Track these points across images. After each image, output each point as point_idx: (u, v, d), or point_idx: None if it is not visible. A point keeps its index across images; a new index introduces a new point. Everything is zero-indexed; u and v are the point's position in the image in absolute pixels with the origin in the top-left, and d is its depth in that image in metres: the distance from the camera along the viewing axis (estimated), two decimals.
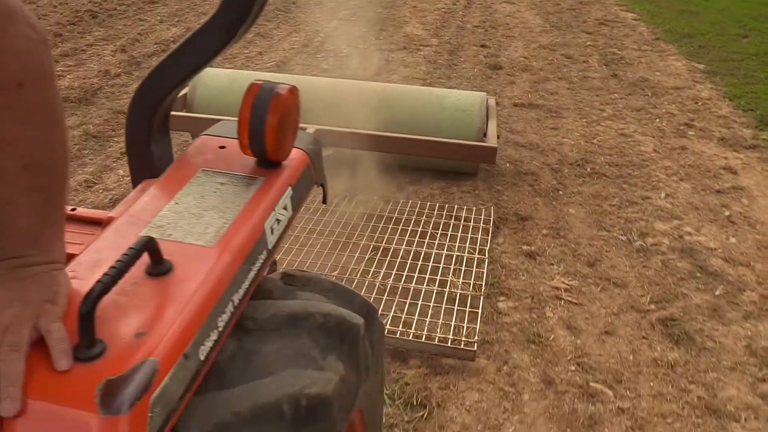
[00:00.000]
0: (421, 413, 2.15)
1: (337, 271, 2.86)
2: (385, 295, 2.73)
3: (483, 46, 6.73)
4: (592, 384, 2.31)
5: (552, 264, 3.02)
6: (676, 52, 6.85)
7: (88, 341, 0.73)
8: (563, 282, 2.88)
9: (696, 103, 5.29)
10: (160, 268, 0.87)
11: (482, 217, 3.35)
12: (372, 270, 2.90)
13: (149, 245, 0.83)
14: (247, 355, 0.97)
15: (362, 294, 1.32)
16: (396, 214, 3.38)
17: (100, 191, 3.55)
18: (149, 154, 1.22)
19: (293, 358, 0.98)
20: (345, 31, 7.03)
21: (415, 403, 2.19)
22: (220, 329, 0.88)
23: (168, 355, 0.76)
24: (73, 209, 1.30)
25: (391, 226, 3.26)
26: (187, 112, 3.76)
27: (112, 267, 0.76)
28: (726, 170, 4.08)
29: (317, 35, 6.85)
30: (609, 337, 2.57)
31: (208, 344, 0.84)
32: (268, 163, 1.16)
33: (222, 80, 3.80)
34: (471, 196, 3.61)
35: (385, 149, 3.48)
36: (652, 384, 2.34)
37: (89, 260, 0.91)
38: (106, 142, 4.16)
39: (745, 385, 2.37)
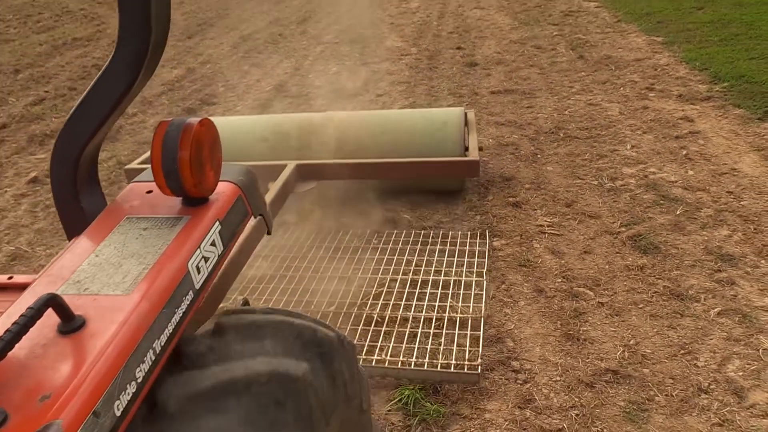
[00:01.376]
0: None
1: (333, 307, 2.80)
2: (384, 326, 2.64)
3: (459, 48, 7.31)
4: (575, 288, 2.81)
5: (535, 209, 3.52)
6: (637, 30, 7.43)
7: None
8: (546, 220, 3.38)
9: (656, 70, 5.84)
10: (70, 324, 0.84)
11: (477, 240, 3.27)
12: (369, 302, 2.82)
13: (51, 302, 0.80)
14: None
15: (350, 332, 1.32)
16: (390, 245, 3.29)
17: None
18: (78, 208, 1.18)
19: None
20: (331, 53, 7.63)
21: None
22: (140, 380, 0.84)
23: (74, 415, 0.73)
24: (9, 277, 1.27)
25: (386, 257, 3.18)
26: None
27: (7, 331, 0.73)
28: (684, 120, 4.60)
29: (306, 59, 7.45)
30: (588, 255, 3.06)
31: (125, 398, 0.81)
32: (193, 201, 1.14)
33: None
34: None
35: (366, 176, 3.42)
36: (625, 283, 2.83)
37: (0, 328, 0.86)
38: None
39: (703, 276, 2.85)
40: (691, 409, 2.14)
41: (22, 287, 1.18)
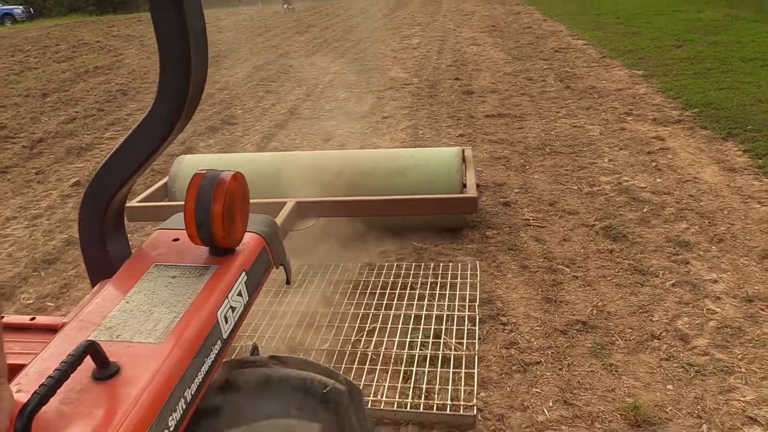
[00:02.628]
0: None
1: (327, 344, 2.75)
2: (379, 364, 2.60)
3: (457, 78, 7.97)
4: (554, 266, 3.33)
5: (522, 207, 4.07)
6: (620, 64, 8.12)
7: None
8: (531, 216, 3.92)
9: (634, 98, 6.47)
10: (106, 371, 0.85)
11: (468, 272, 3.29)
12: (363, 339, 2.79)
13: (90, 350, 0.81)
14: None
15: (345, 371, 1.34)
16: (382, 278, 3.30)
17: None
18: (105, 254, 1.22)
19: None
20: (339, 81, 8.28)
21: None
22: (172, 429, 0.86)
23: None
24: (32, 318, 1.27)
25: (378, 291, 3.18)
26: (168, 201, 3.62)
27: (50, 377, 0.74)
28: (656, 139, 5.19)
29: (317, 87, 8.09)
30: (566, 242, 3.59)
31: None
32: (220, 250, 1.16)
33: (203, 166, 3.54)
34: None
35: (367, 213, 3.43)
36: (596, 263, 3.35)
37: (36, 371, 0.88)
38: None
39: (662, 258, 3.37)
40: (644, 349, 2.64)
41: (44, 329, 1.21)
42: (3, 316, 1.22)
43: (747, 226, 3.61)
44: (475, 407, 2.32)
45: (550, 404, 2.37)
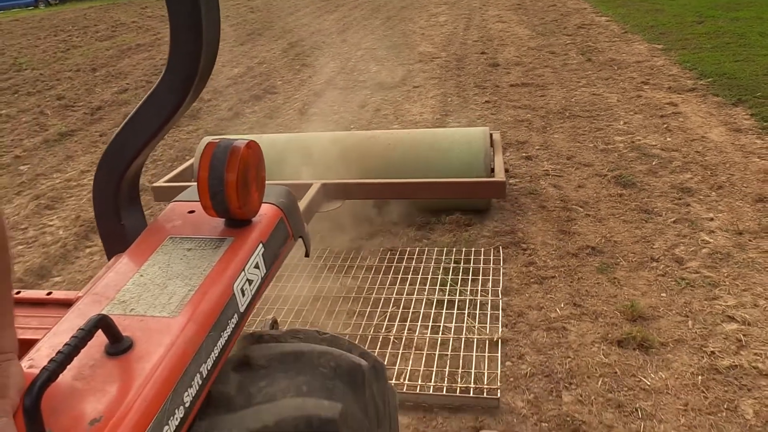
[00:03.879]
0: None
1: (349, 329, 2.77)
2: (401, 348, 2.62)
3: (483, 53, 8.37)
4: (569, 206, 3.79)
5: (542, 161, 4.52)
6: (641, 39, 8.44)
7: None
8: (550, 167, 4.38)
9: (652, 69, 6.83)
10: (118, 346, 0.84)
11: (491, 257, 3.28)
12: (385, 324, 2.80)
13: (101, 324, 0.80)
14: None
15: (372, 350, 1.23)
16: (404, 263, 3.30)
17: None
18: (120, 227, 1.20)
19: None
20: (371, 56, 8.74)
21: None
22: (187, 405, 0.84)
23: None
24: (48, 293, 1.26)
25: (400, 276, 3.19)
26: (195, 181, 4.15)
27: (59, 352, 0.73)
28: (669, 105, 5.57)
29: (349, 61, 8.56)
30: (581, 189, 4.04)
31: (174, 422, 0.80)
32: (236, 222, 1.14)
33: None
34: None
35: (394, 196, 3.43)
36: (607, 204, 3.80)
37: (48, 346, 0.87)
38: None
39: (666, 201, 3.80)
40: (644, 268, 3.10)
41: (61, 303, 1.20)
42: (19, 292, 1.25)
43: (745, 176, 4.02)
44: (498, 390, 2.33)
45: (562, 305, 2.85)
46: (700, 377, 2.37)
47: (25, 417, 0.68)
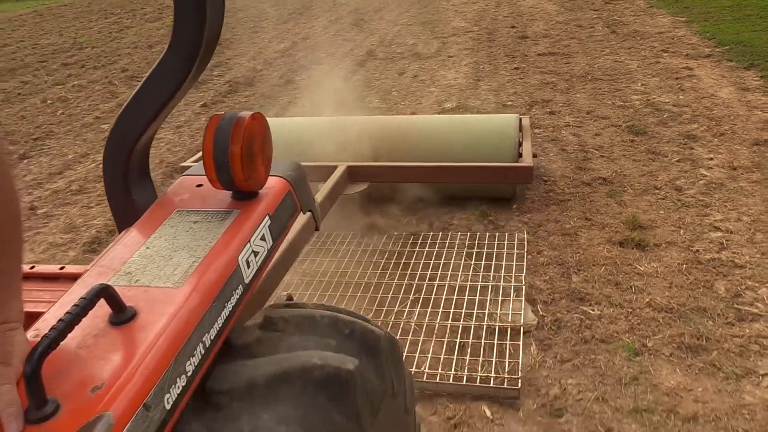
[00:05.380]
0: None
1: (371, 314, 2.74)
2: (422, 335, 2.58)
3: (513, 27, 8.88)
4: (587, 149, 4.36)
5: (564, 115, 5.08)
6: (665, 13, 8.84)
7: (37, 402, 0.71)
8: (571, 120, 4.94)
9: (672, 39, 7.28)
10: (122, 316, 0.85)
11: (515, 242, 3.25)
12: (406, 310, 2.77)
13: (103, 293, 0.81)
14: None
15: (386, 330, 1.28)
16: (427, 248, 3.27)
17: None
18: (130, 201, 1.21)
19: None
20: (407, 31, 9.31)
21: None
22: (190, 374, 0.85)
23: (126, 407, 0.74)
24: (61, 267, 1.26)
25: (423, 261, 3.15)
26: None
27: (60, 320, 0.75)
28: (685, 69, 6.05)
29: (387, 35, 9.16)
30: (597, 137, 4.60)
31: (175, 391, 0.81)
32: (242, 195, 1.16)
33: None
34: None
35: (419, 179, 3.42)
36: (620, 148, 4.36)
37: (53, 317, 0.88)
38: None
39: (673, 145, 4.34)
40: (647, 194, 3.67)
41: (73, 277, 1.21)
42: (33, 266, 1.28)
43: (746, 126, 4.53)
44: (519, 381, 2.28)
45: (575, 220, 3.45)
46: (684, 266, 2.96)
47: (27, 384, 0.70)
